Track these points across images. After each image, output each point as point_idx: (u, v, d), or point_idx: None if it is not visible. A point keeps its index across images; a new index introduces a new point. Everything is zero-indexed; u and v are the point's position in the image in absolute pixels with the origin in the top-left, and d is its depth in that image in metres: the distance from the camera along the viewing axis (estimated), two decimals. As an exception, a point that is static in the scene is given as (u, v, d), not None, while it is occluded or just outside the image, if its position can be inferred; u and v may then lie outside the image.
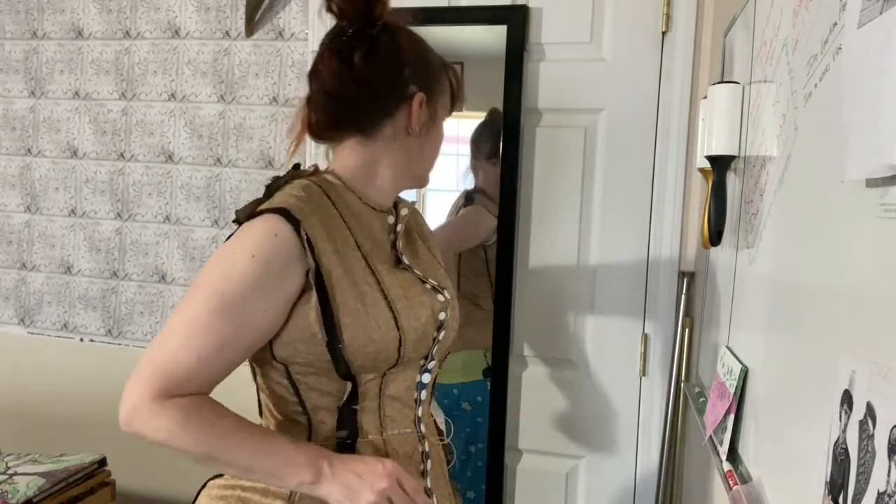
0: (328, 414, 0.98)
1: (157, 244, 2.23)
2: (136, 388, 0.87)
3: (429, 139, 1.07)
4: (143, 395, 0.86)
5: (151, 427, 0.86)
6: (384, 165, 1.05)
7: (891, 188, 0.53)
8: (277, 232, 0.91)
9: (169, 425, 0.86)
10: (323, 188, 1.01)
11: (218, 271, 0.91)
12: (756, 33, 1.10)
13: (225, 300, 0.88)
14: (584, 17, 1.81)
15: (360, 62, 0.99)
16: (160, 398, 0.86)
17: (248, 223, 0.93)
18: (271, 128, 2.11)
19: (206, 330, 0.88)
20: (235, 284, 0.89)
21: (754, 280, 1.02)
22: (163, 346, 0.89)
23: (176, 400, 0.87)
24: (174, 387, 0.87)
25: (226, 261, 0.91)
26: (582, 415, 1.87)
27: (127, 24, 2.22)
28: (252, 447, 0.89)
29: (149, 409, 0.86)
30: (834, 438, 0.61)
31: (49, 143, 2.32)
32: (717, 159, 1.17)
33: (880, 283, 0.55)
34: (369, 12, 0.99)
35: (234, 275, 0.89)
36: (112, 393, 2.33)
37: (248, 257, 0.89)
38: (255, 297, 0.89)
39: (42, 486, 1.77)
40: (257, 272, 0.89)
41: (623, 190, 1.81)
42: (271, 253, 0.90)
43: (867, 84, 0.55)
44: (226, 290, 0.89)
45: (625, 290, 1.82)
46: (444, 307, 1.05)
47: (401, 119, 1.03)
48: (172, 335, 0.89)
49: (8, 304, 2.39)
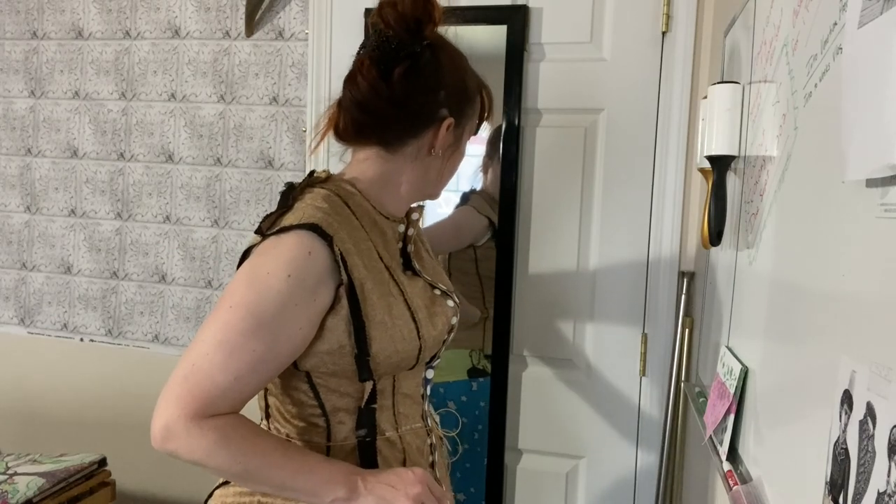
0: (347, 415, 1.00)
1: (157, 244, 2.23)
2: (172, 408, 0.87)
3: (450, 161, 1.07)
4: (179, 415, 0.86)
5: (188, 447, 0.86)
6: (401, 180, 1.05)
7: (891, 188, 0.53)
8: (312, 250, 0.91)
9: (206, 445, 0.86)
10: (342, 197, 1.00)
11: (253, 290, 0.89)
12: (756, 33, 1.10)
13: (261, 321, 0.88)
14: (584, 17, 1.81)
15: (399, 79, 0.98)
16: (197, 418, 0.86)
17: (278, 238, 0.92)
18: (271, 128, 2.11)
19: (243, 350, 0.88)
20: (272, 305, 0.88)
21: (754, 280, 1.02)
22: (198, 365, 0.88)
23: (213, 420, 0.87)
24: (211, 407, 0.87)
25: (261, 280, 0.90)
26: (582, 415, 1.87)
27: (127, 24, 2.22)
28: (288, 466, 0.90)
29: (186, 430, 0.86)
30: (834, 438, 0.61)
31: (49, 143, 2.32)
32: (717, 159, 1.17)
33: (880, 283, 0.55)
34: (418, 29, 0.99)
35: (270, 295, 0.89)
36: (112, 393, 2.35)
37: (284, 277, 0.89)
38: (291, 316, 0.90)
39: (42, 486, 1.77)
40: (293, 292, 0.89)
41: (623, 190, 1.81)
42: (306, 272, 0.90)
43: (867, 84, 0.55)
44: (262, 311, 0.88)
45: (625, 290, 1.82)
46: (455, 312, 1.10)
47: (426, 139, 1.03)
48: (208, 355, 0.88)
49: (8, 304, 2.39)
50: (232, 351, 0.88)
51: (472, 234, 1.91)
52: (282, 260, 0.90)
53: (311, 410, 1.00)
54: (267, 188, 2.12)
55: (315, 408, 1.00)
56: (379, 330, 0.95)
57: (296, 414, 1.01)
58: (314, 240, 0.91)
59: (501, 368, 1.86)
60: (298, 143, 2.08)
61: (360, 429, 1.00)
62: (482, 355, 1.89)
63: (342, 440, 1.00)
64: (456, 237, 1.92)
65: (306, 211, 0.94)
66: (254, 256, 0.94)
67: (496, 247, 1.85)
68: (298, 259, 0.90)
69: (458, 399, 1.92)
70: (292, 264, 0.90)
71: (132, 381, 2.24)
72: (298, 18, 2.06)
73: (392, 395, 1.02)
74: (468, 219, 1.92)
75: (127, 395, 2.24)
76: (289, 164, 2.09)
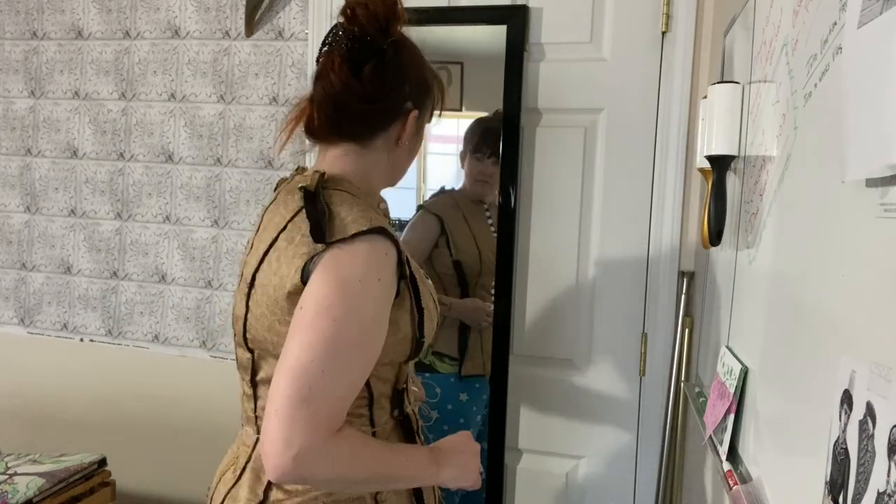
0: (386, 399, 1.06)
1: (156, 244, 2.23)
2: (304, 434, 0.85)
3: (411, 150, 1.13)
4: (315, 439, 0.85)
5: (329, 466, 0.88)
6: (376, 173, 1.09)
7: (891, 188, 0.53)
8: (387, 252, 0.96)
9: (346, 459, 0.89)
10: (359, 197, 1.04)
11: (352, 300, 0.90)
12: (756, 33, 1.10)
13: (366, 327, 0.92)
14: (584, 17, 1.81)
15: (369, 76, 1.02)
16: (330, 435, 0.87)
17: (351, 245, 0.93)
18: (271, 128, 2.11)
19: (355, 359, 0.91)
20: (372, 309, 0.93)
21: (754, 280, 1.02)
22: (317, 384, 0.86)
23: (341, 433, 0.90)
24: (338, 421, 0.89)
25: (355, 288, 0.91)
26: (582, 415, 1.87)
27: (127, 24, 2.22)
28: (396, 461, 0.99)
29: (326, 450, 0.87)
30: (834, 438, 0.61)
31: (49, 143, 2.32)
32: (717, 159, 1.17)
33: (880, 283, 0.55)
34: (387, 28, 1.03)
35: (368, 301, 0.92)
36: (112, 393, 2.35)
37: (375, 281, 0.93)
38: (384, 316, 0.96)
39: (42, 486, 1.77)
40: (384, 293, 0.95)
41: (623, 190, 1.81)
42: (389, 273, 0.96)
43: (867, 84, 0.55)
44: (365, 318, 0.92)
45: (625, 290, 1.82)
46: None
47: (394, 132, 1.07)
48: (324, 372, 0.87)
49: (8, 304, 2.39)
50: (347, 362, 0.90)
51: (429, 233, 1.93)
52: (369, 266, 0.93)
53: (358, 402, 0.99)
54: (267, 188, 2.12)
55: (363, 398, 1.02)
56: (426, 314, 1.04)
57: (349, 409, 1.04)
58: (386, 242, 0.96)
59: (501, 368, 1.86)
60: (298, 143, 2.08)
61: (394, 410, 1.07)
62: (430, 351, 1.91)
63: (383, 423, 1.05)
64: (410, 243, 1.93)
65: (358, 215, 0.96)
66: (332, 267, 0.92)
67: (496, 247, 1.85)
68: (381, 262, 0.95)
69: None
70: (380, 269, 0.94)
71: (132, 381, 2.24)
72: (298, 18, 2.06)
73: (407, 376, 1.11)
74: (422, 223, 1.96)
75: (127, 395, 2.24)
76: (289, 164, 2.09)
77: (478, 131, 1.92)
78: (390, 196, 1.19)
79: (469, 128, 1.93)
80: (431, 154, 1.97)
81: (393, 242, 0.97)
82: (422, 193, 1.98)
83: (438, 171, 1.98)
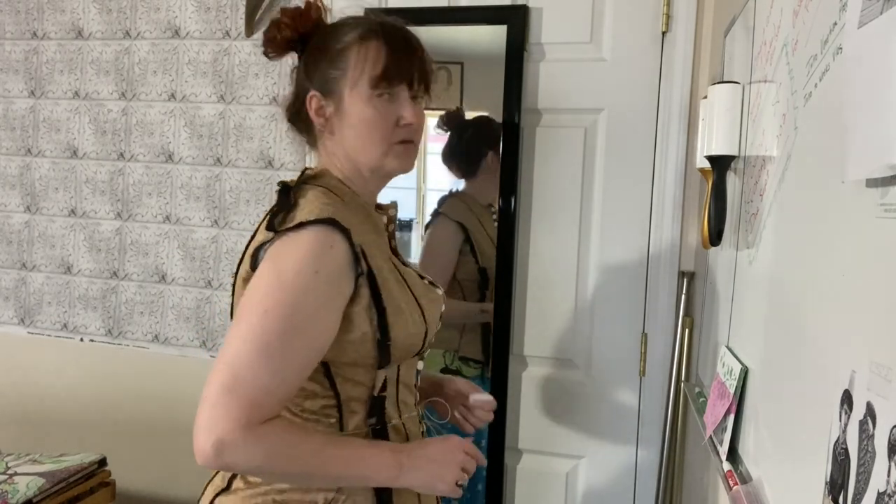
0: (359, 404, 1.02)
1: (157, 244, 2.23)
2: (224, 422, 0.86)
3: (349, 125, 1.02)
4: (234, 427, 0.86)
5: (247, 457, 0.87)
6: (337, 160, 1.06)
7: (891, 188, 0.53)
8: (333, 243, 0.93)
9: (266, 451, 0.87)
10: (338, 193, 1.03)
11: (286, 292, 0.90)
12: (756, 33, 1.10)
13: (298, 320, 0.90)
14: (584, 17, 1.81)
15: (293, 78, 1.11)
16: (251, 426, 0.86)
17: (296, 234, 0.93)
18: (271, 128, 2.10)
19: (285, 352, 0.89)
20: (306, 303, 0.90)
21: (754, 280, 1.02)
22: (242, 374, 0.87)
23: (266, 425, 0.88)
24: (262, 413, 0.88)
25: (290, 280, 0.90)
26: (582, 415, 1.87)
27: (127, 24, 2.22)
28: (342, 458, 0.93)
29: (244, 440, 0.86)
30: (834, 438, 0.61)
31: (49, 143, 2.32)
32: (717, 159, 1.17)
33: (880, 284, 0.55)
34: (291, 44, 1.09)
35: (302, 293, 0.90)
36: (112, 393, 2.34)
37: (313, 273, 0.91)
38: (324, 311, 0.93)
39: (42, 486, 1.77)
40: (323, 288, 0.92)
41: (623, 190, 1.81)
42: (332, 265, 0.93)
43: (867, 84, 0.55)
44: (297, 311, 0.90)
45: (625, 290, 1.82)
46: (443, 302, 1.14)
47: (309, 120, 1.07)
48: (251, 362, 0.88)
49: (8, 304, 2.39)
50: (274, 355, 0.88)
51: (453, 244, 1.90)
52: (308, 257, 0.92)
53: (324, 402, 1.01)
54: (267, 188, 2.12)
55: (330, 398, 1.01)
56: (397, 315, 0.99)
57: (307, 407, 1.01)
58: (334, 233, 0.93)
59: (501, 368, 1.86)
60: (298, 143, 2.08)
61: (370, 417, 1.02)
62: (456, 356, 1.90)
63: (353, 429, 1.02)
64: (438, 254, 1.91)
65: (316, 206, 0.96)
66: (274, 257, 0.93)
67: (496, 246, 1.85)
68: (323, 254, 0.92)
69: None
70: (319, 260, 0.92)
71: (132, 381, 2.24)
72: (298, 18, 2.05)
73: (396, 383, 1.05)
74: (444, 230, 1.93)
75: (127, 395, 2.24)
76: (289, 164, 2.09)
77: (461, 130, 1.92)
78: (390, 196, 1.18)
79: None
80: (431, 154, 1.97)
81: (344, 235, 0.93)
82: (422, 193, 1.97)
83: (438, 172, 1.97)
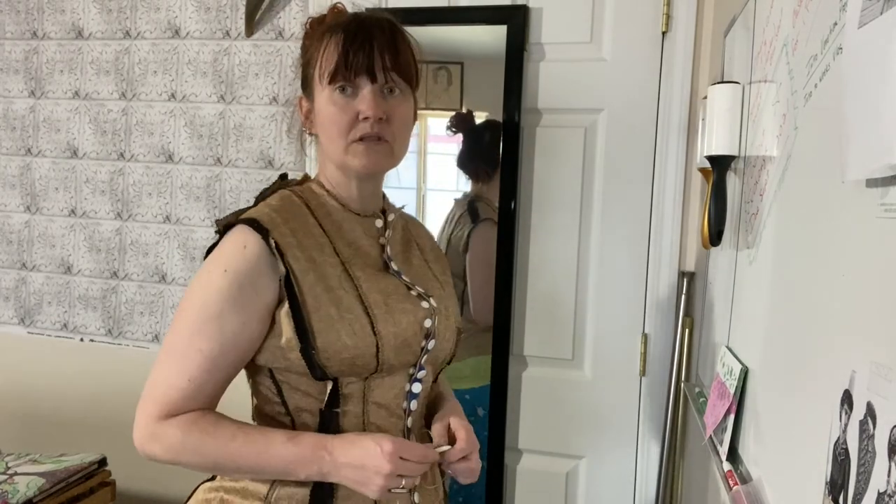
0: (310, 416, 0.98)
1: (157, 244, 2.23)
2: (142, 414, 0.93)
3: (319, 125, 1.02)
4: (147, 419, 0.92)
5: (159, 448, 0.92)
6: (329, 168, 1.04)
7: (891, 188, 0.53)
8: (246, 243, 0.93)
9: (171, 443, 0.91)
10: (305, 197, 1.02)
11: (196, 291, 0.94)
12: (756, 33, 1.10)
13: (204, 319, 0.92)
14: (584, 17, 1.81)
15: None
16: (159, 420, 0.92)
17: (225, 236, 0.96)
18: (271, 128, 2.11)
19: (190, 351, 0.92)
20: (212, 302, 0.92)
21: (754, 280, 1.02)
22: (157, 371, 0.93)
23: (174, 419, 0.92)
24: (173, 408, 0.92)
25: (202, 279, 0.94)
26: (582, 415, 1.87)
27: (127, 24, 2.22)
28: (252, 452, 0.92)
29: (153, 432, 0.92)
30: (834, 438, 0.61)
31: (49, 143, 2.32)
32: (717, 159, 1.17)
33: (880, 283, 0.55)
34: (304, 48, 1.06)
35: (209, 292, 0.92)
36: (112, 393, 2.34)
37: (220, 272, 0.92)
38: (232, 311, 0.92)
39: (42, 486, 1.77)
40: (230, 287, 0.92)
41: (623, 190, 1.81)
42: (242, 265, 0.92)
43: (867, 84, 0.55)
44: (204, 310, 0.92)
45: (625, 290, 1.82)
46: (429, 315, 1.03)
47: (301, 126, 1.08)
48: (164, 359, 0.94)
49: (8, 304, 2.39)
50: (181, 354, 0.92)
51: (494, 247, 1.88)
52: (220, 256, 0.94)
53: (276, 408, 1.00)
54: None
55: (279, 405, 0.99)
56: (324, 322, 0.93)
57: (266, 411, 1.01)
58: (250, 234, 0.93)
59: (501, 369, 1.86)
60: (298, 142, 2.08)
61: (322, 432, 0.96)
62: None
63: None
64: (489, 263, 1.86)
65: (255, 209, 0.97)
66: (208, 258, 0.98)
67: (496, 247, 1.85)
68: (234, 253, 0.93)
69: (486, 404, 1.89)
70: (229, 259, 0.93)
71: (132, 381, 2.22)
72: (298, 18, 2.06)
73: (362, 402, 0.98)
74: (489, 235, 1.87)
75: (127, 395, 2.22)
76: (289, 164, 2.09)
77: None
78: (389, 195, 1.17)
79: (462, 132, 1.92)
80: (431, 154, 1.97)
81: (260, 235, 0.92)
82: (422, 193, 1.97)
83: (438, 172, 1.97)
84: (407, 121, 1.02)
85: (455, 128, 1.91)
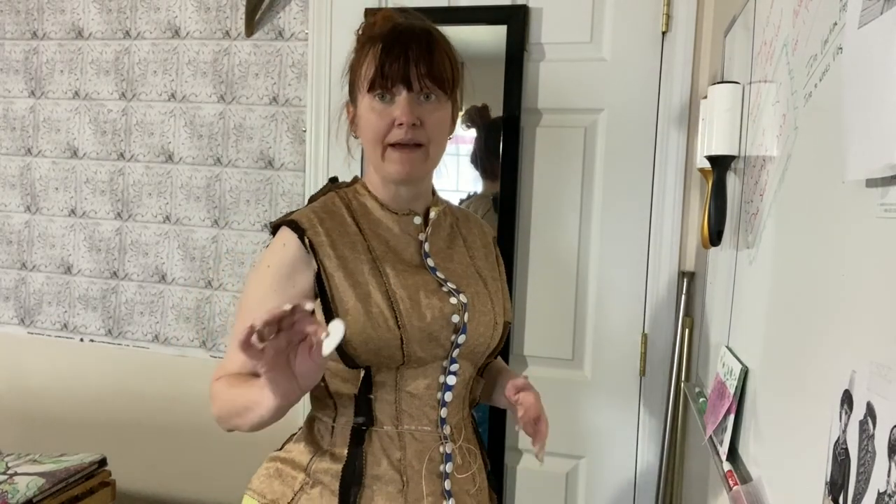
0: (348, 400, 1.07)
1: (157, 244, 2.23)
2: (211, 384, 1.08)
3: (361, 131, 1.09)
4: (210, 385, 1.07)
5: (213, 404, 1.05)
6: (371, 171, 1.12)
7: (891, 188, 0.53)
8: (286, 242, 1.06)
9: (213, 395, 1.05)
10: (347, 198, 1.12)
11: (249, 284, 1.09)
12: (756, 33, 1.10)
13: (250, 307, 1.05)
14: (584, 17, 1.81)
15: None
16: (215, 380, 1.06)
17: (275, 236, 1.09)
18: (271, 128, 2.11)
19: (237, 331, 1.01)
20: (257, 292, 1.06)
21: (754, 280, 1.02)
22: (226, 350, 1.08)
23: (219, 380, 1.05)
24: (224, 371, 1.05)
25: (253, 273, 1.09)
26: (582, 415, 1.87)
27: (127, 24, 2.22)
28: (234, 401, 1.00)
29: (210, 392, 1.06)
30: (834, 438, 0.61)
31: (49, 143, 2.32)
32: (717, 159, 1.17)
33: (880, 283, 0.55)
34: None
35: (256, 284, 1.07)
36: (112, 393, 2.34)
37: (265, 268, 1.06)
38: (272, 300, 1.00)
39: (42, 486, 1.77)
40: (272, 279, 1.05)
41: (623, 190, 1.81)
42: (281, 261, 1.05)
43: (867, 84, 0.55)
44: (253, 297, 1.06)
45: (625, 290, 1.82)
46: (457, 310, 1.07)
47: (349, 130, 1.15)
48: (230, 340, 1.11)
49: (8, 304, 2.39)
50: (235, 335, 0.98)
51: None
52: (267, 254, 1.08)
53: (322, 391, 1.09)
54: (267, 188, 2.12)
55: (324, 389, 1.08)
56: (351, 315, 1.01)
57: (314, 393, 1.11)
58: (289, 234, 1.05)
59: (501, 368, 1.85)
60: (298, 143, 2.08)
61: (357, 416, 1.06)
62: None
63: (343, 423, 1.07)
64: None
65: (298, 211, 1.09)
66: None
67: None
68: (276, 251, 1.06)
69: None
70: (272, 256, 1.07)
71: (132, 381, 2.24)
72: (298, 18, 2.06)
73: (395, 390, 1.06)
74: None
75: (127, 395, 2.24)
76: (289, 164, 2.09)
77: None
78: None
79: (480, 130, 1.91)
80: (432, 154, 1.96)
81: (297, 235, 1.04)
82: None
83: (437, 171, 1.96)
84: (442, 124, 1.08)
85: (471, 122, 1.89)
